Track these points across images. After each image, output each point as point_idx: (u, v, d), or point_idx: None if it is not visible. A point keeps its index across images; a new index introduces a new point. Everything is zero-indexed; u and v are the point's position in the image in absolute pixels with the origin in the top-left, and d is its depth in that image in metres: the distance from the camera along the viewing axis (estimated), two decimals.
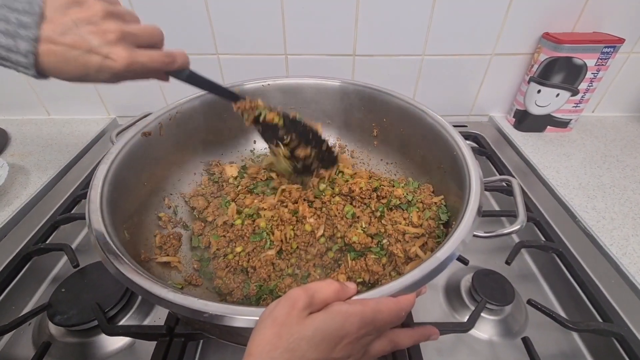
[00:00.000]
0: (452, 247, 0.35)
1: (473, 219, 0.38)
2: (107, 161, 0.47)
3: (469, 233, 0.37)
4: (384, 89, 0.67)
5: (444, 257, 0.34)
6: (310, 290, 0.29)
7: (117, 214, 0.44)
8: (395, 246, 0.50)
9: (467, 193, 0.43)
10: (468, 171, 0.46)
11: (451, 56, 0.88)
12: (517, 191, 0.46)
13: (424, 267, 0.33)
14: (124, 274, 0.33)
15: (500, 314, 0.56)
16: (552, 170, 0.80)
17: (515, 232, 0.41)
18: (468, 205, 0.40)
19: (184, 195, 0.65)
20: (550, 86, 0.84)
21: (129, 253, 0.40)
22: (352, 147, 0.76)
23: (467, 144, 0.50)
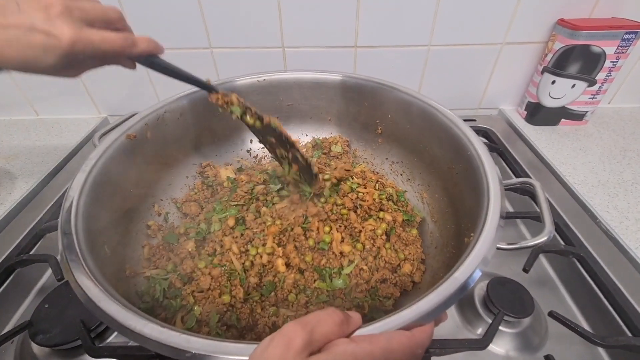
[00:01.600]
0: (473, 264, 0.31)
1: (495, 229, 0.34)
2: (85, 169, 0.42)
3: (491, 246, 0.32)
4: (388, 82, 0.62)
5: (464, 277, 0.30)
6: (308, 324, 0.24)
7: (95, 227, 0.39)
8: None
9: (486, 199, 0.38)
10: (485, 174, 0.41)
11: (459, 46, 0.83)
12: (541, 196, 0.41)
13: (441, 290, 0.29)
14: (93, 301, 0.29)
15: (518, 326, 0.52)
16: (569, 166, 0.75)
17: (542, 243, 0.36)
18: (488, 213, 0.36)
19: (176, 201, 0.61)
20: (565, 76, 0.79)
21: (109, 271, 0.36)
22: (354, 146, 0.71)
23: (483, 142, 0.45)
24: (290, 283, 0.46)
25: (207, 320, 0.42)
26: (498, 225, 0.34)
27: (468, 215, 0.44)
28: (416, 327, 0.27)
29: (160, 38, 0.40)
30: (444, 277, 0.30)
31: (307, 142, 0.73)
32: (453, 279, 0.29)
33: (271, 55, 0.84)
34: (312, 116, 0.72)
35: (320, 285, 0.47)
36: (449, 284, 0.29)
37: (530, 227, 0.68)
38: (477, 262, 0.31)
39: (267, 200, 0.56)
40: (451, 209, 0.52)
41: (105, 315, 0.28)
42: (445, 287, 0.29)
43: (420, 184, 0.61)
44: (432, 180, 0.59)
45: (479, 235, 0.34)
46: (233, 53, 0.84)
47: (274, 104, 0.69)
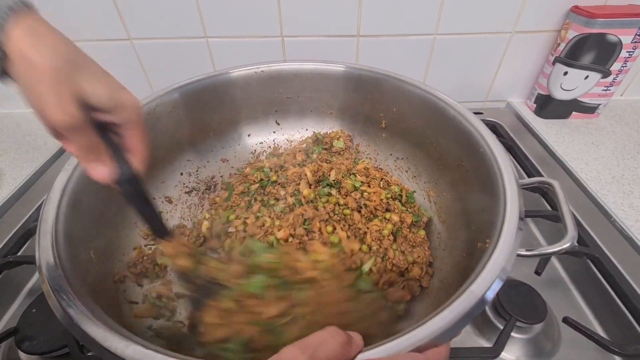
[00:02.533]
0: (492, 275, 0.28)
1: (514, 235, 0.31)
2: (67, 168, 0.39)
3: (511, 254, 0.29)
4: (393, 73, 0.58)
5: (482, 290, 0.27)
6: (309, 347, 0.21)
7: (79, 231, 0.37)
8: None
9: (502, 200, 0.35)
10: (500, 172, 0.38)
11: (466, 35, 0.79)
12: (562, 198, 0.38)
13: (457, 306, 0.26)
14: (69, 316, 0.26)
15: (530, 332, 0.49)
16: (581, 161, 0.72)
17: (564, 250, 0.33)
18: (505, 216, 0.33)
19: (170, 199, 0.58)
20: (579, 67, 0.75)
21: (93, 278, 0.33)
22: (357, 141, 0.68)
23: (497, 139, 0.42)
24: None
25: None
26: (517, 228, 0.31)
27: (479, 216, 0.41)
28: (430, 348, 0.24)
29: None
30: (460, 290, 0.27)
31: (307, 137, 0.70)
32: (470, 292, 0.26)
33: (270, 45, 0.80)
34: (312, 109, 0.68)
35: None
36: (466, 298, 0.26)
37: (541, 225, 0.65)
38: (496, 272, 0.28)
39: (264, 201, 0.53)
40: (460, 209, 0.49)
41: (83, 333, 0.25)
42: (461, 302, 0.26)
43: (427, 182, 0.58)
44: (439, 177, 0.56)
45: (496, 241, 0.31)
46: (230, 43, 0.80)
47: (273, 96, 0.66)
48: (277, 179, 0.57)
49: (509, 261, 0.29)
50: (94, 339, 0.25)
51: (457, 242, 0.47)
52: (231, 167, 0.67)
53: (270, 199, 0.53)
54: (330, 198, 0.51)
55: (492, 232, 0.33)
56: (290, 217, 0.49)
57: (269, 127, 0.70)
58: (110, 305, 0.36)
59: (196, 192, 0.62)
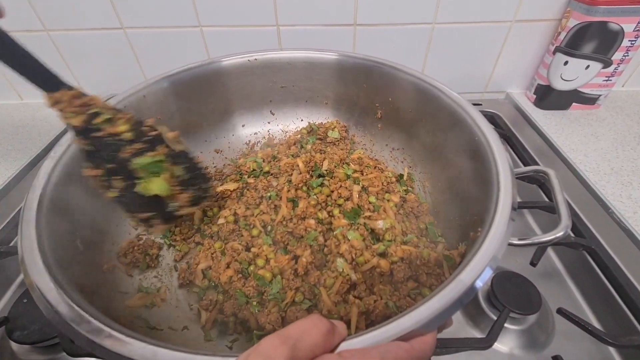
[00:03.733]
0: (482, 263, 0.27)
1: (506, 223, 0.30)
2: (53, 156, 0.39)
3: (502, 243, 0.29)
4: (389, 62, 0.57)
5: (471, 278, 0.26)
6: (290, 338, 0.21)
7: (65, 221, 0.36)
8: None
9: (495, 189, 0.34)
10: (494, 161, 0.37)
11: (466, 24, 0.77)
12: (557, 187, 0.37)
13: (445, 294, 0.25)
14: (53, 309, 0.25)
15: (524, 323, 0.49)
16: (579, 153, 0.71)
17: (557, 239, 0.32)
18: (497, 205, 0.32)
19: None
20: (579, 57, 0.74)
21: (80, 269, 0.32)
22: (353, 131, 0.67)
23: (492, 127, 0.41)
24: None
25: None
26: (509, 218, 0.31)
27: (474, 206, 0.40)
28: (416, 337, 0.23)
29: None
30: (449, 279, 0.26)
31: (302, 127, 0.69)
32: (458, 281, 0.26)
33: (265, 34, 0.79)
34: (307, 99, 0.67)
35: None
36: (454, 286, 0.26)
37: (538, 217, 0.64)
38: (486, 261, 0.27)
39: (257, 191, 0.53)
40: (456, 200, 0.48)
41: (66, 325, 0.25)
42: (449, 290, 0.25)
43: (423, 172, 0.57)
44: (434, 168, 0.55)
45: (487, 229, 0.30)
46: (224, 32, 0.79)
47: (267, 85, 0.65)
48: (269, 170, 0.57)
49: (500, 250, 0.28)
50: (80, 332, 0.24)
51: (452, 232, 0.46)
52: (225, 157, 0.66)
53: (261, 189, 0.53)
54: (323, 189, 0.51)
55: (484, 221, 0.32)
56: (281, 203, 0.48)
57: (264, 117, 0.69)
58: (98, 295, 0.35)
59: None
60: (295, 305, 0.39)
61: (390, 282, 0.40)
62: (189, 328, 0.41)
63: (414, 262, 0.40)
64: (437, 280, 0.39)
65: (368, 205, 0.48)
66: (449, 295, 0.25)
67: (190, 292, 0.46)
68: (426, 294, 0.38)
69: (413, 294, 0.39)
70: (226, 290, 0.43)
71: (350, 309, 0.37)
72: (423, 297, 0.36)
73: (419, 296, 0.38)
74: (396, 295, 0.39)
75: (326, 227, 0.47)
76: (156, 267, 0.48)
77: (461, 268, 0.27)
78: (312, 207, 0.47)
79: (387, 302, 0.37)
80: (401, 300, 0.38)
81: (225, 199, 0.54)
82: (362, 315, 0.37)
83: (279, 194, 0.50)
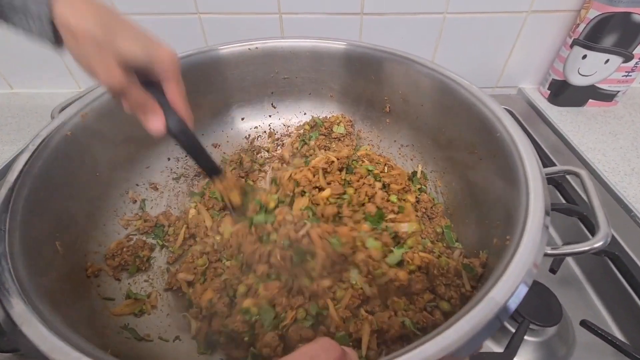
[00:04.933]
0: (516, 278, 0.23)
1: (540, 230, 0.26)
2: (30, 148, 0.35)
3: (537, 253, 0.25)
4: (399, 51, 0.53)
5: (504, 296, 0.22)
6: None
7: (42, 221, 0.32)
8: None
9: (524, 191, 0.31)
10: (522, 161, 0.33)
11: (478, 14, 0.73)
12: (592, 190, 0.33)
13: (475, 316, 0.21)
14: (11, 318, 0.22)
15: (543, 335, 0.45)
16: (598, 152, 0.67)
17: (597, 249, 0.29)
18: (528, 209, 0.28)
19: (155, 186, 0.54)
20: (599, 50, 0.70)
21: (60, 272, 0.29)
22: (359, 126, 0.63)
23: (517, 124, 0.37)
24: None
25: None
26: (543, 225, 0.27)
27: (496, 210, 0.36)
28: None
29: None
30: (477, 297, 0.23)
31: (305, 121, 0.65)
32: (489, 300, 0.22)
33: (266, 23, 0.74)
34: (311, 92, 0.63)
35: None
36: (485, 306, 0.22)
37: (554, 220, 0.60)
38: (520, 275, 0.24)
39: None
40: (472, 201, 0.44)
41: (24, 339, 0.21)
42: (479, 311, 0.22)
43: (434, 171, 0.54)
44: (448, 166, 0.51)
45: (519, 237, 0.26)
46: (223, 19, 0.74)
47: (268, 76, 0.61)
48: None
49: (535, 262, 0.25)
50: (34, 345, 0.21)
51: (468, 237, 0.43)
52: (223, 152, 0.63)
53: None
54: (348, 189, 0.47)
55: (513, 228, 0.28)
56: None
57: (265, 110, 0.65)
58: (79, 302, 0.32)
59: (185, 178, 0.58)
60: (297, 322, 0.35)
61: (405, 293, 0.36)
62: (181, 339, 0.38)
63: (431, 271, 0.37)
64: (456, 293, 0.35)
65: (391, 206, 0.44)
66: (479, 316, 0.22)
67: (183, 298, 0.43)
68: (445, 307, 0.35)
69: (429, 307, 0.35)
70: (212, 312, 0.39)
71: (362, 326, 0.33)
72: (442, 311, 0.33)
73: (436, 310, 0.35)
74: (412, 309, 0.35)
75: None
76: (147, 271, 0.45)
77: (491, 283, 0.24)
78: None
79: (404, 321, 0.33)
80: (417, 315, 0.34)
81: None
82: (374, 333, 0.33)
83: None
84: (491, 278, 0.24)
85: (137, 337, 0.35)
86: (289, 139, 0.66)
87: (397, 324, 0.33)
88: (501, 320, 0.22)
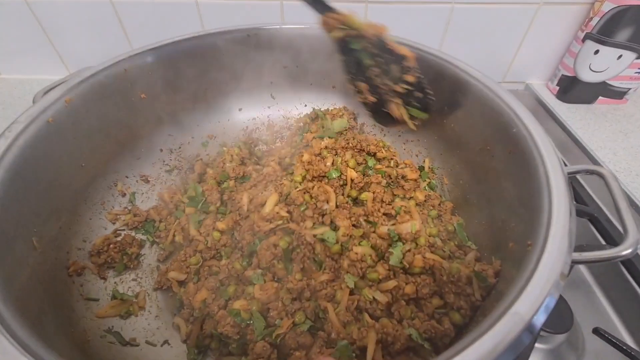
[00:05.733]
0: (542, 290, 0.21)
1: (566, 235, 0.24)
2: (8, 135, 0.32)
3: (564, 262, 0.23)
4: (407, 40, 0.50)
5: (530, 311, 0.20)
6: None
7: (16, 214, 0.29)
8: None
9: (545, 191, 0.28)
10: (542, 158, 0.31)
11: (488, 5, 0.70)
12: (617, 191, 0.31)
13: (497, 333, 0.19)
14: None
15: (552, 342, 0.43)
16: (608, 151, 0.65)
17: (627, 256, 0.26)
18: (552, 212, 0.26)
19: (146, 178, 0.51)
20: (613, 45, 0.67)
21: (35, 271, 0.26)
22: (362, 120, 0.61)
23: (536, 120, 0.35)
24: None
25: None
26: (569, 229, 0.24)
27: (510, 210, 0.34)
28: None
29: None
30: (498, 310, 0.20)
31: (305, 113, 0.62)
32: (513, 314, 0.20)
33: (267, 9, 0.71)
34: (312, 82, 0.60)
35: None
36: (508, 322, 0.19)
37: None
38: (546, 287, 0.21)
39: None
40: (483, 200, 0.42)
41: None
42: (502, 328, 0.19)
43: (441, 167, 0.51)
44: (456, 163, 0.48)
45: (543, 243, 0.24)
46: (222, 5, 0.71)
47: (266, 65, 0.58)
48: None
49: (563, 271, 0.22)
50: None
51: (478, 237, 0.40)
52: (219, 144, 0.59)
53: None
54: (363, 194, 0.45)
55: (534, 232, 0.26)
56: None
57: (263, 100, 0.62)
58: (57, 305, 0.29)
59: (178, 171, 0.55)
60: (294, 328, 0.33)
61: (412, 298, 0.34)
62: (170, 343, 0.35)
63: (438, 275, 0.34)
64: (466, 303, 0.32)
65: (384, 209, 0.42)
66: (502, 333, 0.19)
67: (174, 298, 0.40)
68: (456, 319, 0.32)
69: (438, 314, 0.33)
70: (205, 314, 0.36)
71: (367, 333, 0.30)
72: (452, 320, 0.30)
73: (445, 318, 0.32)
74: (419, 317, 0.32)
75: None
76: (136, 269, 0.42)
77: (513, 294, 0.21)
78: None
79: (411, 334, 0.31)
80: (425, 324, 0.31)
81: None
82: (379, 343, 0.30)
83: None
84: (512, 288, 0.22)
85: (121, 342, 0.33)
86: (288, 132, 0.63)
87: (404, 336, 0.30)
88: (527, 340, 0.19)
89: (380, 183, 0.46)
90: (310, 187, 0.44)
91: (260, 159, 0.58)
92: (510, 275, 0.26)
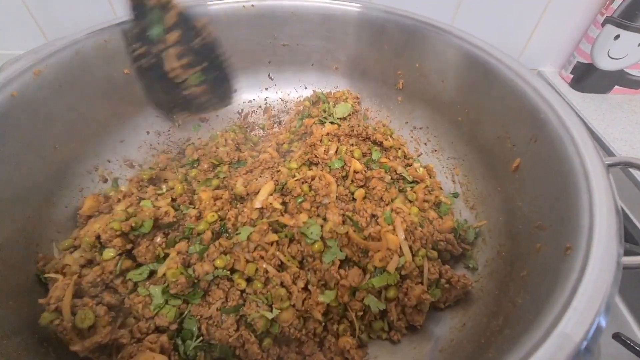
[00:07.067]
0: (592, 306, 0.17)
1: (615, 237, 0.20)
2: None
3: (616, 271, 0.19)
4: (424, 17, 0.46)
5: (580, 332, 0.16)
6: None
7: None
8: None
9: (583, 188, 0.25)
10: (576, 148, 0.27)
11: None
12: None
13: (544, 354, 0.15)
14: None
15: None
16: (624, 143, 0.62)
17: None
18: (593, 211, 0.22)
19: (131, 163, 0.47)
20: (635, 30, 0.63)
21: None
22: (366, 104, 0.56)
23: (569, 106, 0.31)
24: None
25: None
26: (617, 231, 0.21)
27: (536, 206, 0.30)
28: None
29: None
30: (539, 329, 0.17)
31: (306, 96, 0.57)
32: (561, 335, 0.16)
33: None
34: (314, 62, 0.56)
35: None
36: (555, 343, 0.16)
37: None
38: (597, 302, 0.18)
39: None
40: (499, 194, 0.38)
41: None
42: (547, 350, 0.16)
43: (452, 157, 0.47)
44: (469, 152, 0.45)
45: (586, 247, 0.20)
46: None
47: (266, 42, 0.53)
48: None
49: (615, 281, 0.19)
50: None
51: (494, 236, 0.37)
52: (212, 128, 0.55)
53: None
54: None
55: (573, 233, 0.22)
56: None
57: (260, 82, 0.58)
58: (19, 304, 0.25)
59: (166, 155, 0.50)
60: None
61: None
62: None
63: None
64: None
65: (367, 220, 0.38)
66: (546, 356, 0.16)
67: None
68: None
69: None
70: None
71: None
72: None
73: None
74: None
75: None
76: None
77: (558, 312, 0.18)
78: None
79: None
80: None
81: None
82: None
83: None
84: (552, 303, 0.18)
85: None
86: (287, 116, 0.59)
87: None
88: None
89: (382, 179, 0.42)
90: (310, 177, 0.40)
91: (257, 145, 0.53)
92: (537, 281, 0.23)
